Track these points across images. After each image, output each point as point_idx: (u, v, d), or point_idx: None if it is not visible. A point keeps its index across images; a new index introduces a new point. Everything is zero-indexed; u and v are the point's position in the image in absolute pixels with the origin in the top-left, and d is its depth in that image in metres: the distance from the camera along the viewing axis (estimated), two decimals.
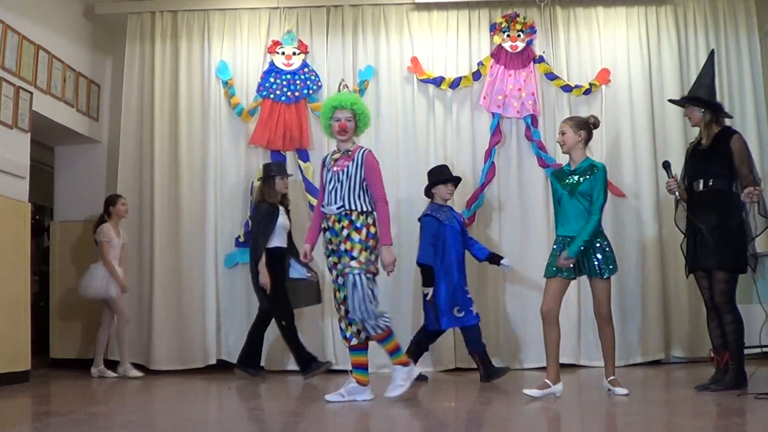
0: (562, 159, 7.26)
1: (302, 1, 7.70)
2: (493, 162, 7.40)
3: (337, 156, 4.98)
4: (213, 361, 7.25)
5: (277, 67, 7.56)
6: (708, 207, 5.03)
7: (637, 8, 7.65)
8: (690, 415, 4.25)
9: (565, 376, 5.09)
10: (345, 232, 4.79)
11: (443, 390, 5.84)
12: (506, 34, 7.59)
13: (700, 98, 5.21)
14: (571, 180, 4.98)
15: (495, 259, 6.31)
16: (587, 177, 4.92)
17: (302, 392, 5.86)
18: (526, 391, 4.84)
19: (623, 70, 7.54)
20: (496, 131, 7.43)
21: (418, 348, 6.21)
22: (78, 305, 7.50)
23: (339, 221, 4.83)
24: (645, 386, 5.47)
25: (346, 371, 6.86)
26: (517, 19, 7.60)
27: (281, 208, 6.69)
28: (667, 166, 5.31)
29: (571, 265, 4.84)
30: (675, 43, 7.61)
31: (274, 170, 6.80)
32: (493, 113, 7.47)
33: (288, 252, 6.67)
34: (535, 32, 7.61)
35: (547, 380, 4.86)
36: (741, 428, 3.72)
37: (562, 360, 5.59)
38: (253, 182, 7.28)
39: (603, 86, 7.51)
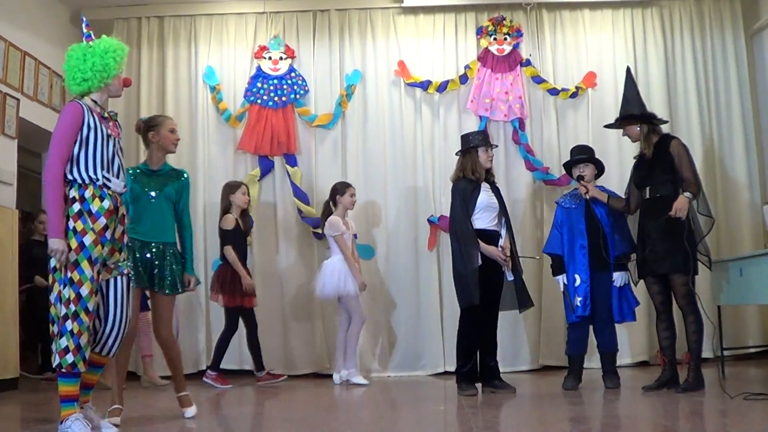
0: (549, 162, 7.35)
1: (289, 6, 7.73)
2: None
3: (105, 115, 3.92)
4: (203, 367, 7.23)
5: (264, 72, 7.57)
6: (656, 213, 5.19)
7: (623, 11, 7.70)
8: (677, 416, 4.28)
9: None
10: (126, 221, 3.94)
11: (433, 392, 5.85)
12: (493, 37, 7.61)
13: (634, 114, 5.42)
14: (157, 181, 4.51)
15: (618, 264, 5.58)
16: (173, 181, 4.55)
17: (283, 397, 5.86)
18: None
19: (609, 73, 7.58)
20: None
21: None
22: None
23: (123, 204, 3.90)
24: (631, 387, 5.50)
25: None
26: (504, 22, 7.62)
27: (485, 185, 5.62)
28: (579, 178, 5.73)
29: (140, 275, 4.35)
30: (661, 45, 7.65)
31: (474, 140, 5.64)
32: (480, 117, 7.50)
33: (497, 237, 5.56)
34: (521, 35, 7.64)
35: (117, 405, 4.30)
36: (727, 429, 3.75)
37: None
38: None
39: (589, 89, 7.56)
